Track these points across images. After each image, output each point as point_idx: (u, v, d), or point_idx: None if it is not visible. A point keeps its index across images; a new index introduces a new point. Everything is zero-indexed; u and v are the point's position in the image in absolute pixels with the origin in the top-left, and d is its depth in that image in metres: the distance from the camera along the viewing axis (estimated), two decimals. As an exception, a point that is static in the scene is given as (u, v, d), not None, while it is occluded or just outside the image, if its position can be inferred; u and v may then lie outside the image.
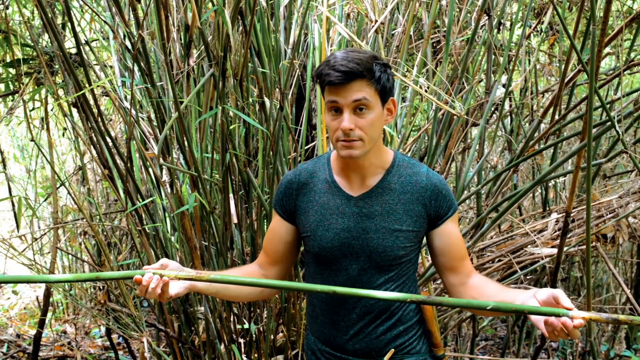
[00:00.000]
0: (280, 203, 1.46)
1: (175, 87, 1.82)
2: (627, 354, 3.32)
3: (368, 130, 1.28)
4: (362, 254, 1.36)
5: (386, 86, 1.29)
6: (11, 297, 4.56)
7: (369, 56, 1.27)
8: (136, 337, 2.35)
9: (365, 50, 1.32)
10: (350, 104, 1.25)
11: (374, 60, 1.27)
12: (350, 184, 1.38)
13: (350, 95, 1.25)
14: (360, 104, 1.26)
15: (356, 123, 1.27)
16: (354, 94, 1.25)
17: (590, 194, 1.45)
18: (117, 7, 1.89)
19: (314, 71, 1.32)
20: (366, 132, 1.28)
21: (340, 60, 1.24)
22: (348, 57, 1.24)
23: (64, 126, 3.37)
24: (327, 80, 1.25)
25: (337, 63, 1.24)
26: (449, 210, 1.37)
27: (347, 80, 1.24)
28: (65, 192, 3.85)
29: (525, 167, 3.34)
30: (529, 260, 2.32)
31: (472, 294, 1.35)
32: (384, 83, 1.28)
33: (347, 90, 1.25)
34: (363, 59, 1.25)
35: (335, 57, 1.26)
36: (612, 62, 3.80)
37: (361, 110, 1.26)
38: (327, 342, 1.45)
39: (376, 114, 1.29)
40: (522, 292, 1.24)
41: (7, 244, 2.29)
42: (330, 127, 1.31)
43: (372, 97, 1.27)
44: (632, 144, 2.31)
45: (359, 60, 1.24)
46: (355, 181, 1.38)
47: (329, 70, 1.24)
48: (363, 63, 1.24)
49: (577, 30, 1.98)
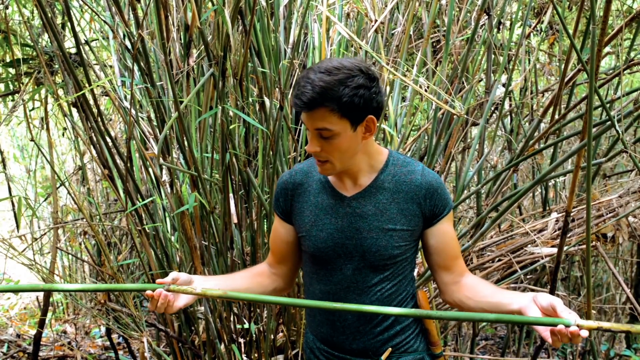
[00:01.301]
0: (278, 204, 1.47)
1: (175, 86, 1.82)
2: (627, 353, 3.32)
3: (335, 154, 1.28)
4: (356, 254, 1.36)
5: (356, 107, 1.22)
6: (11, 297, 4.56)
7: (338, 79, 1.20)
8: (136, 337, 2.35)
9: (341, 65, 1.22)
10: (313, 130, 1.26)
11: (344, 82, 1.20)
12: (343, 184, 1.38)
13: (312, 123, 1.24)
14: (322, 133, 1.25)
15: (322, 147, 1.27)
16: (316, 123, 1.24)
17: (590, 194, 1.45)
18: (117, 7, 1.89)
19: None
20: (333, 155, 1.28)
21: (305, 85, 1.20)
22: (313, 81, 1.20)
23: (64, 126, 3.36)
24: (294, 102, 1.25)
25: (302, 88, 1.21)
26: (444, 209, 1.37)
27: (308, 109, 1.22)
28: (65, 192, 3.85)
29: (525, 166, 3.34)
30: (529, 260, 2.32)
31: (465, 293, 1.35)
32: (351, 106, 1.21)
33: (309, 117, 1.24)
34: (327, 85, 1.19)
35: (305, 76, 1.22)
36: (612, 62, 3.80)
37: (325, 137, 1.25)
38: (325, 341, 1.45)
39: (344, 138, 1.25)
40: (519, 295, 1.23)
41: (7, 244, 2.29)
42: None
43: (337, 123, 1.23)
44: (632, 144, 2.31)
45: (322, 88, 1.19)
46: (348, 182, 1.38)
47: (296, 92, 1.23)
48: (326, 90, 1.19)
49: (577, 30, 1.98)
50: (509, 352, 3.21)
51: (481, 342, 3.84)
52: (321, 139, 1.26)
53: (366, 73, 1.23)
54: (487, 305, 1.29)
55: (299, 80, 1.24)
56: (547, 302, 1.13)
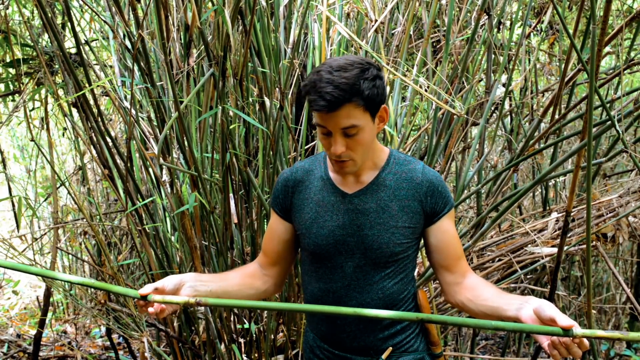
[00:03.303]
0: (277, 201, 1.46)
1: (175, 86, 1.82)
2: (628, 353, 3.32)
3: (359, 149, 1.28)
4: (357, 251, 1.36)
5: (375, 99, 1.24)
6: (11, 297, 4.56)
7: (356, 73, 1.20)
8: (136, 337, 2.35)
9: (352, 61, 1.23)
10: (339, 129, 1.24)
11: (361, 76, 1.21)
12: (345, 182, 1.38)
13: (338, 122, 1.22)
14: (348, 131, 1.24)
15: (347, 145, 1.26)
16: (342, 121, 1.22)
17: (590, 193, 1.45)
18: (117, 7, 1.89)
19: (302, 86, 1.27)
20: (357, 152, 1.28)
21: (326, 86, 1.18)
22: (334, 80, 1.18)
23: (64, 126, 3.37)
24: (314, 108, 1.22)
25: (323, 89, 1.18)
26: (444, 207, 1.37)
27: (334, 109, 1.20)
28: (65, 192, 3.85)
29: (525, 166, 3.34)
30: (529, 260, 2.32)
31: (466, 295, 1.35)
32: (373, 98, 1.23)
33: (334, 117, 1.21)
34: (350, 81, 1.19)
35: (321, 78, 1.20)
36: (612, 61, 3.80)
37: (351, 135, 1.25)
38: (326, 339, 1.45)
39: (367, 132, 1.26)
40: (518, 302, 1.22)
41: (7, 244, 2.28)
42: (322, 144, 1.31)
43: (361, 117, 1.23)
44: (632, 143, 2.31)
45: (345, 85, 1.18)
46: (351, 179, 1.38)
47: (315, 96, 1.20)
48: (350, 86, 1.19)
49: (577, 30, 1.98)
50: (509, 352, 3.21)
51: (481, 342, 3.84)
52: (346, 137, 1.25)
53: (373, 64, 1.25)
54: (487, 309, 1.28)
55: (313, 83, 1.21)
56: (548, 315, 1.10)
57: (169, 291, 1.26)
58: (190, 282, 1.31)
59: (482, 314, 1.29)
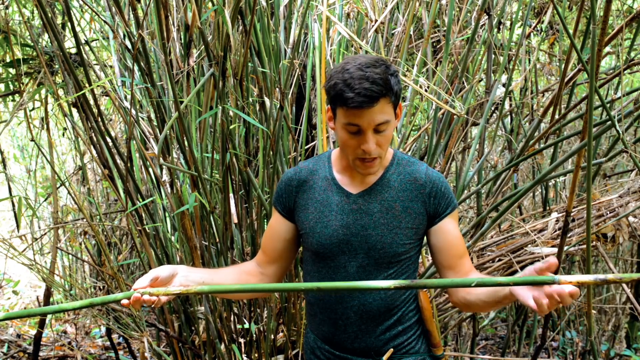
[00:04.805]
0: (280, 200, 1.46)
1: (175, 86, 1.82)
2: (628, 353, 3.32)
3: (384, 145, 1.28)
4: (361, 250, 1.36)
5: (399, 95, 1.26)
6: (11, 297, 4.56)
7: (384, 69, 1.21)
8: (136, 337, 2.35)
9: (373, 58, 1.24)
10: (372, 126, 1.23)
11: (388, 72, 1.22)
12: (350, 181, 1.39)
13: (374, 118, 1.22)
14: (380, 127, 1.24)
15: (376, 142, 1.26)
16: (377, 117, 1.22)
17: (590, 193, 1.45)
18: (117, 7, 1.89)
19: (327, 85, 1.25)
20: (383, 147, 1.28)
21: (359, 82, 1.18)
22: (368, 76, 1.18)
23: (64, 126, 3.37)
24: (350, 105, 1.20)
25: (360, 85, 1.18)
26: (447, 207, 1.37)
27: (372, 104, 1.19)
28: (65, 192, 3.85)
29: (526, 166, 3.34)
30: (529, 260, 2.32)
31: (466, 289, 1.35)
32: (399, 94, 1.25)
33: (370, 113, 1.21)
34: (383, 76, 1.20)
35: (351, 75, 1.19)
36: (612, 62, 3.80)
37: (381, 131, 1.25)
38: (327, 340, 1.45)
39: (392, 128, 1.28)
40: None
41: (7, 244, 2.28)
42: (346, 145, 1.28)
43: (391, 113, 1.25)
44: (633, 143, 2.31)
45: (380, 79, 1.19)
46: (356, 179, 1.38)
47: (350, 92, 1.18)
48: (383, 81, 1.19)
49: (577, 30, 1.98)
50: (509, 352, 3.21)
51: (481, 342, 3.84)
52: (376, 134, 1.25)
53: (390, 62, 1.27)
54: (484, 296, 1.29)
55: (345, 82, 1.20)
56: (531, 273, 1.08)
57: (163, 279, 1.24)
58: (183, 272, 1.30)
59: (482, 302, 1.30)
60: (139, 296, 1.15)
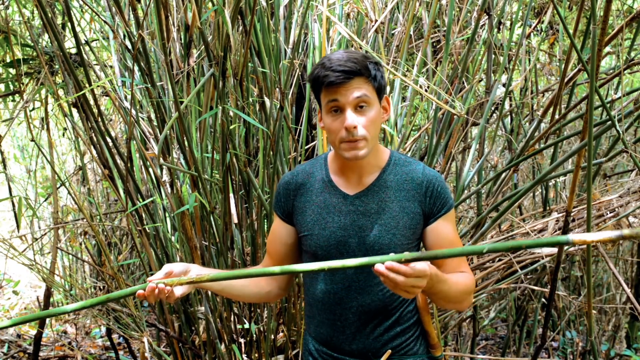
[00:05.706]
0: (279, 205, 1.47)
1: (175, 87, 1.82)
2: (628, 353, 3.32)
3: (370, 128, 1.28)
4: (359, 252, 1.36)
5: (381, 84, 1.31)
6: (11, 297, 4.56)
7: (362, 55, 1.29)
8: (136, 337, 2.35)
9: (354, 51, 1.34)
10: (351, 101, 1.26)
11: (367, 58, 1.29)
12: (347, 183, 1.39)
13: (351, 92, 1.26)
14: (362, 101, 1.27)
15: (362, 124, 1.27)
16: (355, 91, 1.26)
17: (590, 193, 1.45)
18: (117, 7, 1.89)
19: (308, 75, 1.33)
20: (368, 130, 1.28)
21: (337, 61, 1.25)
22: (343, 57, 1.26)
23: (64, 126, 3.37)
24: (327, 81, 1.25)
25: (334, 64, 1.25)
26: (442, 208, 1.36)
27: (347, 78, 1.25)
28: (66, 192, 3.85)
29: (526, 166, 3.34)
30: (529, 260, 2.32)
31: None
32: (379, 80, 1.30)
33: (347, 88, 1.26)
34: (359, 58, 1.27)
35: (329, 59, 1.27)
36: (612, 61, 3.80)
37: (362, 107, 1.27)
38: (325, 342, 1.45)
39: (376, 111, 1.30)
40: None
41: (7, 244, 2.28)
42: (331, 129, 1.30)
43: (371, 94, 1.29)
44: (633, 143, 2.31)
45: (355, 60, 1.26)
46: (353, 180, 1.38)
47: (327, 71, 1.25)
48: (359, 62, 1.26)
49: (577, 30, 1.98)
50: (509, 352, 3.21)
51: (481, 342, 3.84)
52: (357, 111, 1.28)
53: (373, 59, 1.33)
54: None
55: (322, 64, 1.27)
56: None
57: (177, 273, 1.27)
58: (196, 270, 1.32)
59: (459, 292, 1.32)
60: (154, 286, 1.17)
